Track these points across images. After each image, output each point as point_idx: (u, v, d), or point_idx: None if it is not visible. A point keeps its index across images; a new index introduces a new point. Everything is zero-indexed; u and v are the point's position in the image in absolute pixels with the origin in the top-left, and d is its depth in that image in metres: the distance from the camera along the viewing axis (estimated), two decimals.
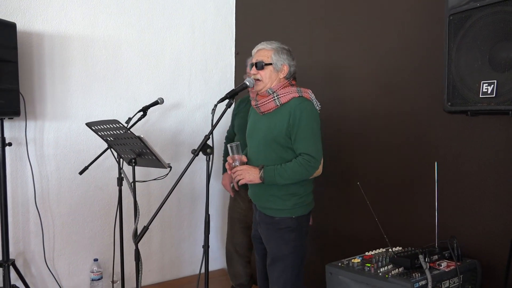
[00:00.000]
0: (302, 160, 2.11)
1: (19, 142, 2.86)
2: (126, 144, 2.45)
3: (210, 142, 1.99)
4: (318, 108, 2.23)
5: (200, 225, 3.66)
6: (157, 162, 2.44)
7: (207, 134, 1.99)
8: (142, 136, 2.30)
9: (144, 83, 3.36)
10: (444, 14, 1.89)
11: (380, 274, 1.88)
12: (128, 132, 2.30)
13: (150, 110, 3.00)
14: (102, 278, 3.13)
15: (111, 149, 2.66)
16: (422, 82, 2.33)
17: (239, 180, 2.19)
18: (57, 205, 3.05)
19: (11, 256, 2.78)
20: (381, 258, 2.04)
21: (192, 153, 1.98)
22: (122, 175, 2.61)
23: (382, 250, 2.22)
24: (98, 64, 3.17)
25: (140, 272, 2.47)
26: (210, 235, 2.11)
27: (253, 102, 2.29)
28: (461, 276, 1.93)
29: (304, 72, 2.75)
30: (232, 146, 2.21)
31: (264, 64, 2.18)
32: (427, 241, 2.16)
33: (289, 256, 2.20)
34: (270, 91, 2.19)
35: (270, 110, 2.21)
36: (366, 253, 2.18)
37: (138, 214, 2.45)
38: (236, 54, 3.81)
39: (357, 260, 2.06)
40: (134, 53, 3.31)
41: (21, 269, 2.82)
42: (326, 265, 2.07)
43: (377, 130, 2.59)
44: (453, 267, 1.92)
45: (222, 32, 3.75)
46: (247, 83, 2.17)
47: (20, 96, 2.65)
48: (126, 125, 2.74)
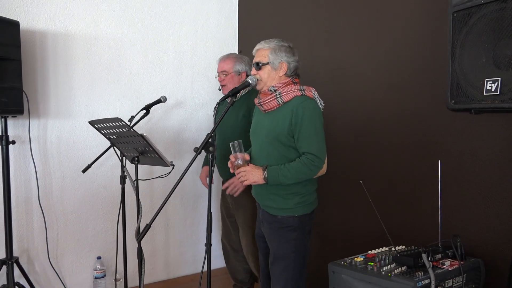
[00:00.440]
0: (305, 159, 2.10)
1: (23, 140, 2.87)
2: (129, 142, 2.45)
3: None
4: (321, 106, 2.21)
5: (203, 223, 3.66)
6: (159, 160, 2.44)
7: (210, 132, 1.99)
8: (144, 134, 2.30)
9: (147, 82, 3.36)
10: (447, 11, 1.88)
11: (383, 273, 1.87)
12: (130, 130, 2.30)
13: (153, 108, 3.01)
14: (105, 276, 3.13)
15: (114, 147, 2.66)
16: (426, 79, 2.32)
17: (243, 181, 2.19)
18: (60, 203, 3.05)
19: (15, 253, 2.79)
20: (384, 257, 2.03)
21: (194, 151, 1.98)
22: (125, 173, 2.61)
23: (385, 248, 2.22)
24: (101, 62, 3.17)
25: (143, 270, 2.47)
26: (213, 234, 2.10)
27: (256, 100, 2.29)
28: (464, 275, 1.92)
29: (307, 70, 2.73)
30: (234, 144, 2.19)
31: (261, 64, 2.19)
32: (430, 239, 2.15)
33: (290, 255, 2.20)
34: (272, 89, 2.18)
35: (273, 108, 2.20)
36: (369, 251, 2.17)
37: (140, 212, 2.45)
38: (239, 52, 3.80)
39: (360, 258, 2.05)
40: (137, 51, 3.31)
41: (24, 266, 2.83)
42: (329, 263, 2.06)
43: (380, 128, 2.58)
44: (456, 266, 1.91)
45: (225, 30, 3.75)
46: (250, 81, 2.17)
47: (23, 94, 2.65)
48: (129, 123, 2.74)
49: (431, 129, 2.30)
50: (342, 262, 2.04)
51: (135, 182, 2.49)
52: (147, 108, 2.90)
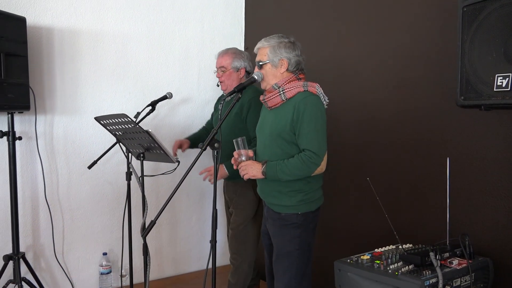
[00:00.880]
0: (303, 156, 2.08)
1: (29, 136, 2.88)
2: (134, 138, 2.45)
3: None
4: (325, 102, 2.18)
5: (208, 220, 3.65)
6: (165, 157, 2.44)
7: (215, 128, 1.98)
8: (150, 130, 2.30)
9: (153, 78, 3.36)
10: (457, 6, 1.85)
11: (389, 271, 1.85)
12: (136, 126, 2.29)
13: (159, 105, 3.00)
14: (111, 272, 3.14)
15: (120, 143, 2.66)
16: (434, 76, 2.29)
17: (244, 175, 2.18)
18: (66, 199, 3.06)
19: (21, 249, 2.80)
20: (391, 255, 2.01)
21: (199, 147, 1.97)
22: (131, 170, 2.61)
23: (392, 247, 2.19)
24: (108, 58, 3.17)
25: (148, 266, 2.47)
26: (218, 230, 2.10)
27: (261, 97, 2.28)
28: (472, 274, 1.90)
29: (313, 67, 2.72)
30: (237, 140, 2.19)
31: (261, 63, 2.18)
32: (438, 238, 2.13)
33: (294, 252, 2.18)
34: (275, 86, 2.18)
35: (277, 105, 2.19)
36: (376, 249, 2.15)
37: (146, 208, 2.45)
38: (245, 49, 3.78)
39: (366, 256, 2.03)
40: (143, 47, 3.31)
41: (31, 262, 2.84)
42: (335, 261, 2.05)
43: (387, 125, 2.55)
44: (464, 265, 1.89)
45: (232, 26, 3.73)
46: (255, 77, 2.16)
47: (30, 90, 2.66)
48: (134, 119, 2.74)
49: (440, 126, 2.27)
50: (349, 260, 2.02)
51: (141, 178, 2.49)
52: (153, 104, 2.90)
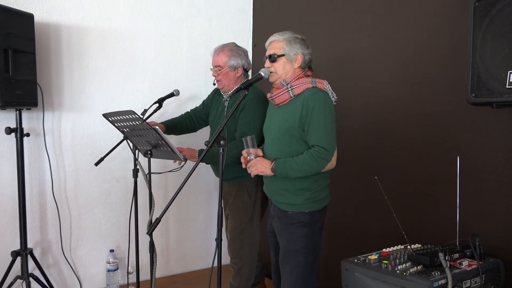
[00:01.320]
0: (313, 152, 2.06)
1: (37, 133, 2.89)
2: (142, 135, 2.44)
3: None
4: (334, 99, 2.16)
5: (216, 217, 3.63)
6: (172, 154, 2.43)
7: (221, 126, 1.96)
8: (157, 127, 2.29)
9: (160, 75, 3.35)
10: (469, 1, 1.81)
11: (397, 271, 1.82)
12: (143, 123, 2.29)
13: (166, 102, 2.99)
14: (118, 269, 3.15)
15: (127, 140, 2.66)
16: (444, 72, 2.25)
17: (252, 171, 2.16)
18: (74, 196, 3.07)
19: (29, 245, 2.82)
20: (399, 255, 1.98)
21: (205, 144, 1.96)
22: (138, 167, 2.60)
23: (400, 247, 2.16)
24: (115, 55, 3.17)
25: (154, 263, 2.47)
26: (224, 228, 2.10)
27: (268, 95, 2.27)
28: (483, 275, 1.86)
29: (322, 63, 2.69)
30: (247, 139, 2.17)
31: (276, 56, 2.14)
32: (448, 238, 2.10)
33: (300, 251, 2.17)
34: (284, 83, 2.16)
35: (285, 102, 2.17)
36: (384, 249, 2.12)
37: (153, 206, 2.44)
38: (253, 46, 3.76)
39: (374, 256, 2.01)
40: (150, 44, 3.30)
41: (38, 258, 2.86)
42: (342, 261, 2.02)
43: (396, 123, 2.52)
44: (475, 266, 1.85)
45: (240, 23, 3.71)
46: (262, 74, 2.13)
47: (37, 87, 2.67)
48: (142, 116, 2.73)
49: (450, 124, 2.23)
50: (356, 260, 2.00)
51: (148, 175, 2.48)
52: (160, 101, 2.88)
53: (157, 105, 2.88)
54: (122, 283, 3.17)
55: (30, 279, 2.70)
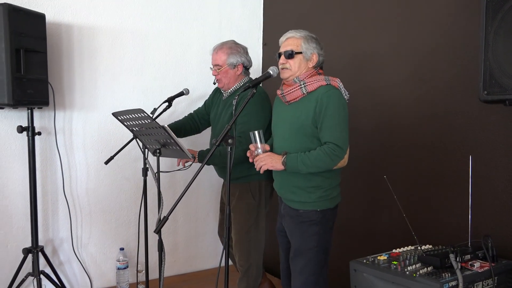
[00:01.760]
0: (327, 148, 2.05)
1: (49, 132, 2.92)
2: (151, 134, 2.45)
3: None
4: (346, 97, 2.16)
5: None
6: (181, 153, 2.42)
7: (229, 124, 1.95)
8: (166, 126, 2.29)
9: (171, 74, 3.36)
10: None
11: (407, 272, 1.79)
12: (152, 122, 2.29)
13: (176, 101, 2.99)
14: (128, 267, 3.16)
15: (137, 139, 2.67)
16: (455, 70, 2.21)
17: (261, 166, 2.14)
18: (85, 194, 3.10)
19: (40, 243, 2.85)
20: (409, 256, 1.95)
21: (213, 143, 1.95)
22: (147, 166, 2.61)
23: (410, 247, 2.13)
24: (126, 55, 3.19)
25: (163, 262, 2.47)
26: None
27: (278, 92, 2.25)
28: (495, 278, 1.81)
29: (332, 61, 2.66)
30: (254, 133, 2.15)
31: (294, 52, 2.13)
32: (459, 239, 2.05)
33: (312, 249, 2.15)
34: (296, 80, 2.15)
35: (297, 99, 2.16)
36: (393, 250, 2.09)
37: (162, 204, 2.45)
38: (263, 45, 3.75)
39: (383, 257, 1.98)
40: (161, 44, 3.31)
41: (50, 256, 2.88)
42: (351, 261, 2.00)
43: (406, 121, 2.48)
44: (487, 268, 1.81)
45: (250, 22, 3.70)
46: (271, 72, 2.12)
47: (49, 86, 2.70)
48: (151, 115, 2.74)
49: (462, 122, 2.19)
50: (365, 260, 1.97)
51: (157, 174, 2.48)
52: (170, 100, 2.88)
53: (166, 104, 2.89)
54: (132, 281, 3.18)
55: (41, 276, 2.73)
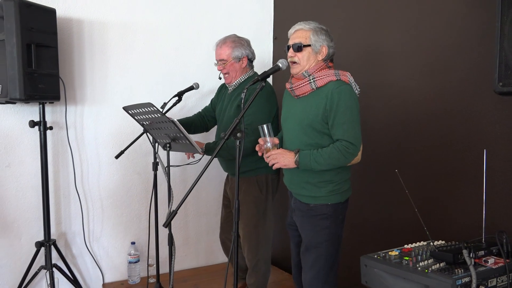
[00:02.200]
0: (340, 145, 2.02)
1: (60, 126, 2.94)
2: (161, 128, 2.45)
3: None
4: (357, 91, 2.12)
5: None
6: (191, 147, 2.42)
7: (237, 118, 1.93)
8: (175, 120, 2.29)
9: (181, 69, 3.36)
10: None
11: (419, 268, 1.75)
12: (162, 116, 2.29)
13: (187, 96, 2.99)
14: (139, 261, 3.18)
15: (147, 133, 2.67)
16: (470, 61, 2.16)
17: (274, 164, 2.12)
18: (96, 188, 3.12)
19: (53, 236, 2.88)
20: (421, 252, 1.91)
21: (222, 137, 1.94)
22: (157, 160, 2.61)
23: (422, 243, 2.09)
24: (136, 49, 3.19)
25: (173, 256, 2.48)
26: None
27: (287, 85, 2.22)
28: (510, 274, 1.77)
29: (343, 54, 2.62)
30: (263, 127, 2.12)
31: (302, 45, 2.09)
32: (473, 235, 2.01)
33: (323, 243, 2.15)
34: (306, 74, 2.11)
35: (306, 94, 2.13)
36: (405, 245, 2.05)
37: (172, 198, 2.45)
38: (274, 39, 3.72)
39: (394, 252, 1.94)
40: (171, 38, 3.31)
41: (62, 249, 2.92)
42: (361, 256, 1.96)
43: (419, 115, 2.43)
44: (501, 264, 1.76)
45: (260, 15, 3.67)
46: (280, 65, 2.08)
47: (60, 81, 2.71)
48: (161, 109, 2.74)
49: (476, 115, 2.14)
50: (376, 256, 1.93)
51: (167, 168, 2.48)
52: (179, 95, 2.88)
53: (176, 98, 2.88)
54: (143, 275, 3.20)
55: (54, 270, 2.76)
